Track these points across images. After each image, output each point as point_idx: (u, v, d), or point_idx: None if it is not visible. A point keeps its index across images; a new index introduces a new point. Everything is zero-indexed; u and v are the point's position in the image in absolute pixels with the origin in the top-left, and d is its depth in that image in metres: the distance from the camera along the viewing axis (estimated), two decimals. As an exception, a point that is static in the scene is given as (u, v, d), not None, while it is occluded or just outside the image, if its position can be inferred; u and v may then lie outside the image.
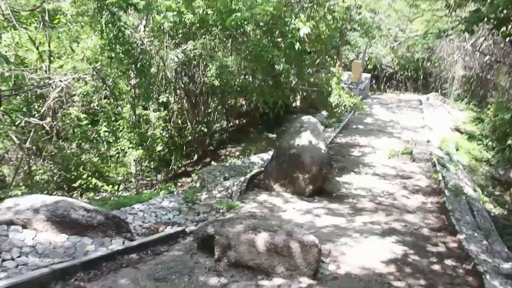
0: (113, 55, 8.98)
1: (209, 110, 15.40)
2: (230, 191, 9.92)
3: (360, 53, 29.45)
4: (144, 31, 10.53)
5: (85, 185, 10.43)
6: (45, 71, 9.12)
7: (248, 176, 10.72)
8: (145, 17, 10.12)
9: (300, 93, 19.59)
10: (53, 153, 9.99)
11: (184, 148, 16.51)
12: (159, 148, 13.11)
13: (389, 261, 6.23)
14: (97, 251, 5.34)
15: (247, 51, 9.70)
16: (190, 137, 15.06)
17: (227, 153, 16.76)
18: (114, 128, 10.90)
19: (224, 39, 10.17)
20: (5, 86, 8.62)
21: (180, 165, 15.48)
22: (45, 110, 9.09)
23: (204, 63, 10.68)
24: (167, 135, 13.09)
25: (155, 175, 14.42)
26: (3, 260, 4.79)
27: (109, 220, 5.83)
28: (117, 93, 10.96)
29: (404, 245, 7.02)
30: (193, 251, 5.70)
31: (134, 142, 11.25)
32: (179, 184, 13.78)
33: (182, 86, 14.16)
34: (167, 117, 13.17)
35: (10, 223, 5.39)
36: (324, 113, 16.82)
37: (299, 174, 9.56)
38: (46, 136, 9.76)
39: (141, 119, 11.53)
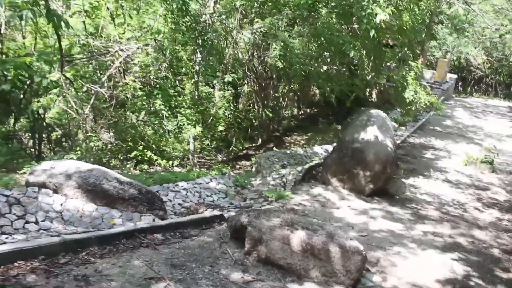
0: (173, 27, 8.68)
1: (278, 95, 14.81)
2: (284, 180, 9.37)
3: (448, 51, 27.29)
4: (214, 7, 10.13)
5: (140, 156, 10.36)
6: (110, 40, 9.05)
7: (306, 166, 10.10)
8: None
9: (377, 87, 18.46)
10: (111, 121, 9.98)
11: (249, 131, 16.15)
12: (220, 128, 12.79)
13: (446, 281, 5.35)
14: (123, 225, 5.05)
15: (317, 34, 8.95)
16: (254, 121, 14.61)
17: (292, 140, 16.19)
18: (173, 103, 10.68)
19: (294, 20, 9.49)
20: (68, 51, 8.62)
21: (242, 148, 15.13)
22: (105, 78, 9.05)
23: (269, 43, 10.09)
24: (230, 116, 12.70)
25: (215, 155, 14.21)
26: (27, 222, 4.65)
27: (142, 195, 5.52)
28: (177, 67, 10.70)
29: (467, 264, 6.06)
30: (224, 239, 5.22)
31: (193, 119, 10.98)
32: (237, 166, 13.45)
33: (252, 68, 13.69)
34: (232, 98, 12.77)
35: (42, 185, 5.26)
36: (400, 110, 15.63)
37: (360, 170, 8.76)
38: (105, 104, 9.76)
39: (202, 96, 11.22)
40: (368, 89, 18.32)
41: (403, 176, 10.30)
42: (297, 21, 9.90)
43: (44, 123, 9.78)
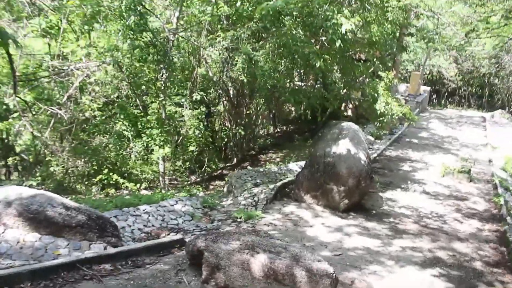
0: (131, 43, 8.30)
1: (250, 113, 14.49)
2: (256, 199, 8.98)
3: (421, 65, 27.55)
4: (177, 23, 9.81)
5: (106, 180, 9.85)
6: (68, 59, 8.63)
7: (278, 184, 9.72)
8: (178, 8, 9.41)
9: (352, 102, 18.35)
10: (73, 144, 9.47)
11: (224, 150, 15.77)
12: (192, 148, 12.36)
13: (425, 301, 5.00)
14: (68, 256, 4.56)
15: (281, 45, 8.69)
16: (227, 140, 14.24)
17: (268, 158, 15.83)
18: (138, 124, 10.24)
19: (258, 33, 9.23)
20: (21, 72, 8.16)
21: (216, 168, 14.72)
22: (65, 99, 8.59)
23: (232, 57, 9.80)
24: (201, 136, 12.30)
25: (188, 176, 13.76)
26: (-47, 257, 4.11)
27: (91, 221, 5.04)
28: (138, 86, 10.29)
29: (448, 280, 5.73)
30: (182, 267, 4.77)
31: (161, 139, 10.55)
32: (211, 187, 13.02)
33: (223, 85, 13.39)
34: (203, 116, 12.38)
35: (-24, 215, 4.74)
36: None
37: (333, 185, 8.43)
38: (66, 127, 9.26)
39: (170, 116, 10.82)
40: (343, 104, 18.19)
41: (379, 190, 10.01)
42: (262, 34, 9.64)
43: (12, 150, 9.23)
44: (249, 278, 4.18)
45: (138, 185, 10.11)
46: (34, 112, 8.75)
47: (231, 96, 13.95)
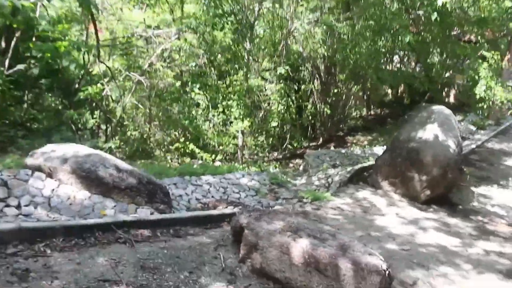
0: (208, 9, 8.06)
1: (338, 91, 13.76)
2: (330, 181, 8.49)
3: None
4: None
5: (182, 149, 9.96)
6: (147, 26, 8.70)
7: (356, 167, 9.09)
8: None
9: (455, 87, 16.68)
10: (150, 111, 9.65)
11: (311, 129, 15.27)
12: (274, 123, 12.06)
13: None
14: (112, 217, 4.53)
15: (367, 16, 7.88)
16: (312, 118, 13.72)
17: (355, 141, 15.06)
18: (219, 94, 10.12)
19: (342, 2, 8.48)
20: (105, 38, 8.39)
21: (300, 146, 14.31)
22: (146, 67, 8.72)
23: (314, 28, 9.17)
24: (284, 111, 11.94)
25: (269, 152, 13.54)
26: (7, 206, 4.29)
27: (141, 185, 4.98)
28: (211, 54, 10.07)
29: (539, 298, 4.82)
30: (225, 242, 4.51)
31: (241, 112, 10.38)
32: (291, 165, 12.69)
33: (311, 61, 12.82)
34: (286, 91, 11.98)
35: (37, 168, 4.91)
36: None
37: (415, 174, 7.61)
38: (143, 94, 9.45)
39: (252, 89, 10.57)
40: (445, 89, 16.63)
41: (472, 184, 8.90)
42: (349, 5, 8.87)
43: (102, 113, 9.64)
44: (287, 263, 3.79)
45: (213, 156, 10.06)
46: (120, 79, 9.02)
47: (321, 73, 13.32)
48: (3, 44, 7.93)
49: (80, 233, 3.86)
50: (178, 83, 9.52)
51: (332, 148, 12.16)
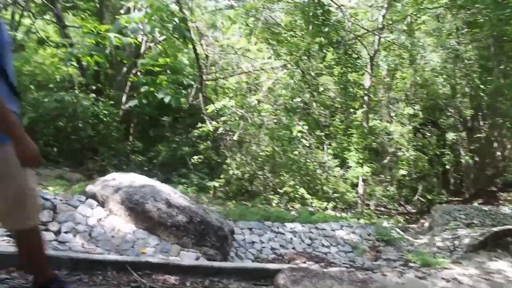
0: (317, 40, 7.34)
1: (487, 138, 11.64)
2: (456, 243, 6.85)
3: None
4: (383, 22, 8.43)
5: (292, 193, 9.22)
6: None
7: (496, 229, 7.19)
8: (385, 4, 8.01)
9: None
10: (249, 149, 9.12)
11: (453, 181, 13.21)
12: (402, 172, 10.62)
13: None
14: (152, 257, 4.01)
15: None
16: (451, 168, 11.79)
17: (510, 197, 12.47)
18: (338, 137, 9.20)
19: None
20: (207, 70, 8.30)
21: (438, 200, 12.38)
22: (254, 101, 8.35)
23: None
24: (415, 158, 10.43)
25: (399, 204, 11.97)
26: (46, 230, 4.07)
27: (191, 225, 4.38)
28: (315, 90, 9.16)
29: None
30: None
31: (360, 156, 9.32)
32: (422, 220, 10.95)
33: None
34: (416, 135, 10.49)
35: (92, 196, 4.69)
36: None
37: None
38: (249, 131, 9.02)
39: (374, 130, 9.43)
40: None
41: None
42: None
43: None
44: None
45: (325, 204, 9.09)
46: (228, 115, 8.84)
47: (464, 115, 11.49)
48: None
49: (90, 269, 3.37)
50: (285, 121, 8.94)
51: (475, 204, 10.12)
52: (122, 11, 9.46)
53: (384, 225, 7.35)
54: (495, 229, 7.20)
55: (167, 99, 6.76)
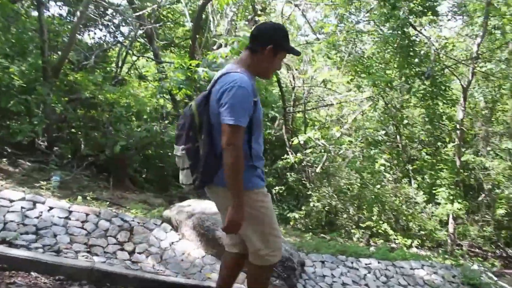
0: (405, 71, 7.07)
1: None
2: (560, 296, 6.10)
3: None
4: (477, 51, 7.94)
5: (374, 228, 8.89)
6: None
7: None
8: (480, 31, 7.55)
9: None
10: (332, 182, 8.91)
11: None
12: (501, 211, 9.76)
13: None
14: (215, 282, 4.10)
15: None
16: None
17: None
18: (411, 168, 8.72)
19: None
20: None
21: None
22: (338, 135, 8.27)
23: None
24: (515, 196, 9.53)
25: (499, 245, 10.92)
26: (121, 249, 4.39)
27: (258, 253, 4.40)
28: (403, 125, 8.68)
29: None
30: None
31: (451, 192, 8.76)
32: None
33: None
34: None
35: (167, 220, 4.97)
36: None
37: None
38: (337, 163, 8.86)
39: (469, 165, 8.82)
40: None
41: None
42: None
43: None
44: None
45: (410, 241, 8.62)
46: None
47: None
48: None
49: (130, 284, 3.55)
50: (368, 153, 8.65)
51: None
52: (214, 47, 10.05)
53: (473, 268, 6.75)
54: None
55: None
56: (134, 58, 12.18)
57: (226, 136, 2.38)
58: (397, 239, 8.69)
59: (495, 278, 6.97)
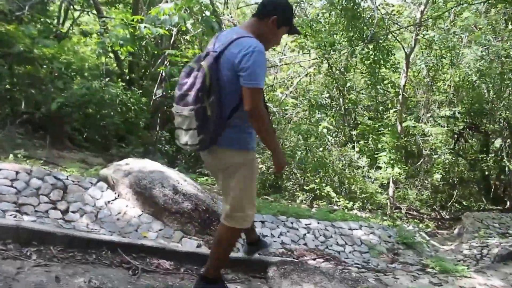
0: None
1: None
2: (484, 252, 6.51)
3: None
4: (421, 18, 8.09)
5: (318, 191, 9.06)
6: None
7: (530, 239, 6.81)
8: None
9: None
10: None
11: (494, 189, 12.55)
12: (437, 176, 10.20)
13: None
14: (150, 240, 4.05)
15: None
16: (493, 175, 11.21)
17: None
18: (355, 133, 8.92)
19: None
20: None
21: (475, 207, 11.84)
22: (283, 97, 8.25)
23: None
24: (451, 162, 9.99)
25: (435, 209, 11.51)
26: (54, 208, 4.22)
27: (196, 213, 4.38)
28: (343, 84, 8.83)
29: None
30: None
31: (391, 157, 9.04)
32: (454, 228, 10.49)
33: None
34: (457, 139, 10.03)
35: (104, 179, 4.79)
36: None
37: None
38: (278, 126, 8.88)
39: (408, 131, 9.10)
40: None
41: None
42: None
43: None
44: None
45: (351, 204, 8.88)
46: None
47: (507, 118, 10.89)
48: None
49: (85, 247, 3.44)
50: (312, 116, 8.74)
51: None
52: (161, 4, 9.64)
53: (409, 228, 7.07)
54: (529, 239, 6.81)
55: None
56: (77, 13, 11.51)
57: (250, 98, 2.49)
58: (339, 201, 8.93)
59: (428, 238, 7.36)
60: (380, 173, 9.32)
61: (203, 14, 7.42)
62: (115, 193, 4.64)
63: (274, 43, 2.92)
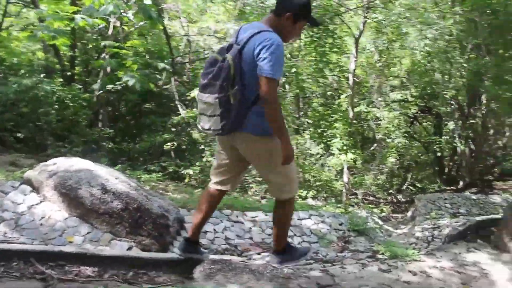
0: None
1: (485, 125, 11.18)
2: (435, 234, 6.51)
3: None
4: None
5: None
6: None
7: (478, 218, 6.87)
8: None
9: None
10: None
11: (448, 170, 12.77)
12: (391, 159, 10.21)
13: None
14: (77, 246, 3.75)
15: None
16: (447, 156, 11.36)
17: (507, 187, 12.02)
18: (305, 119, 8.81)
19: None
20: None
21: (430, 189, 11.99)
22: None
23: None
24: (404, 145, 10.02)
25: (391, 192, 11.58)
26: (-33, 219, 3.81)
27: (126, 213, 4.08)
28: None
29: None
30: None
31: (344, 143, 8.96)
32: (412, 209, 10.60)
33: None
34: (411, 122, 10.07)
35: (28, 182, 4.43)
36: None
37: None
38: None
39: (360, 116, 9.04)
40: None
41: None
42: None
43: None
44: None
45: (305, 193, 8.76)
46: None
47: (460, 102, 11.02)
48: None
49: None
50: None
51: (467, 193, 9.72)
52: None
53: (360, 215, 7.00)
54: (478, 218, 6.86)
55: (131, 83, 6.48)
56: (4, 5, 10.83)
57: (266, 87, 2.71)
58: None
59: (381, 223, 7.32)
60: (333, 160, 9.23)
61: (141, 3, 7.06)
62: (40, 196, 4.29)
63: (294, 36, 3.22)
